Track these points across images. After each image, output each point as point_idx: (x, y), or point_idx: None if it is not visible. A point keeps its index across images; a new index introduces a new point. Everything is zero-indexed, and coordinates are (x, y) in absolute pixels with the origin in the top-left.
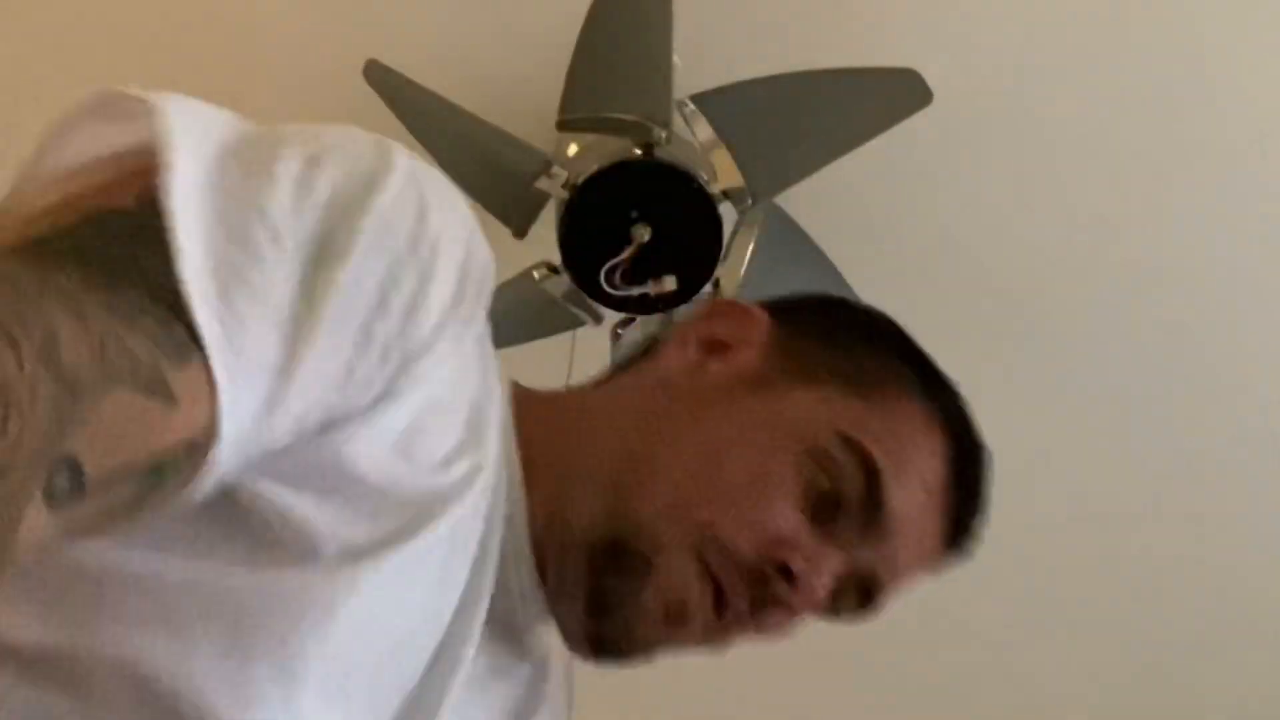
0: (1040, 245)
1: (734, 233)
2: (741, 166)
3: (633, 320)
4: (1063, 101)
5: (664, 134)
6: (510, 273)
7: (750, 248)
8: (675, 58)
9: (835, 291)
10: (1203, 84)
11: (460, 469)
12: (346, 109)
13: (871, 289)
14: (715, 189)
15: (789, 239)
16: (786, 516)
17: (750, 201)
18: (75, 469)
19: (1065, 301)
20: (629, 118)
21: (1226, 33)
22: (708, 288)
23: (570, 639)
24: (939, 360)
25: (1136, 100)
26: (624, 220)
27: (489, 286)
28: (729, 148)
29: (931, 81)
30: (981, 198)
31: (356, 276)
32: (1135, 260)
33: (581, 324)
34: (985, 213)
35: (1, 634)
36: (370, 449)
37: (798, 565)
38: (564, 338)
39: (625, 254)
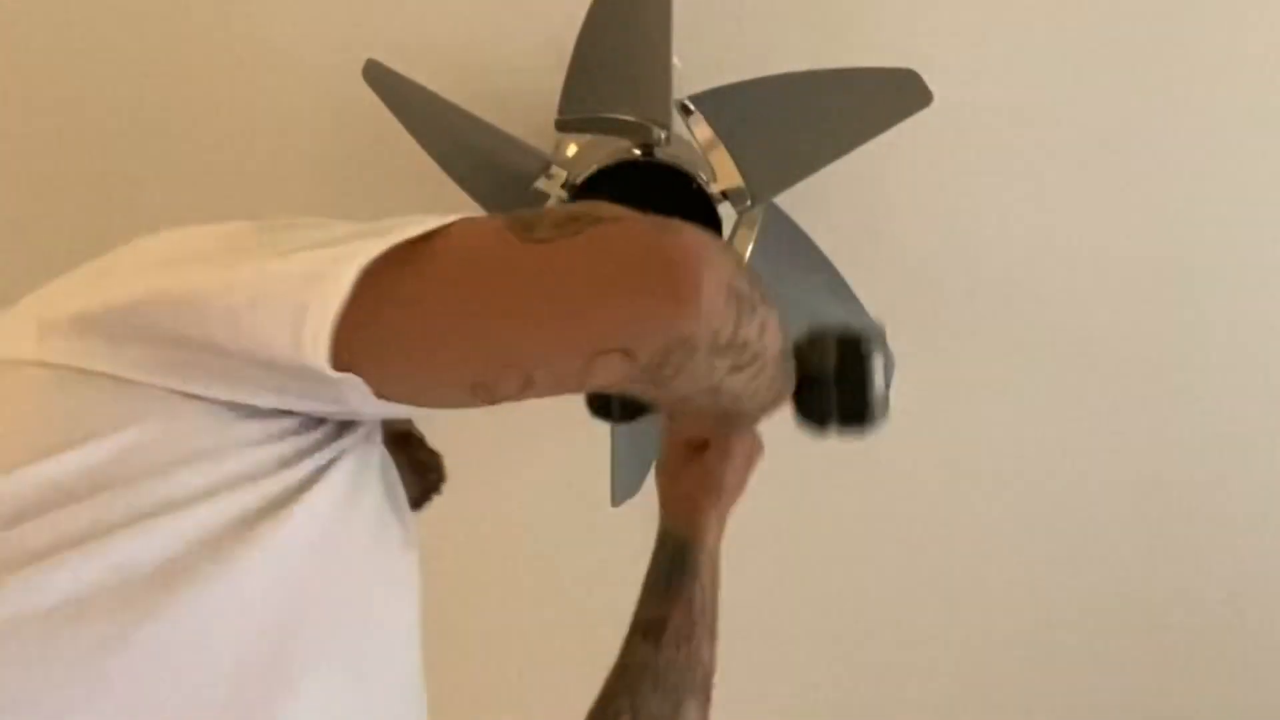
0: (1041, 245)
1: (733, 233)
2: (741, 167)
3: None
4: (1063, 102)
5: (663, 134)
6: None
7: (750, 248)
8: (675, 58)
9: (835, 292)
10: (1203, 85)
11: None
12: (346, 109)
13: (871, 289)
14: (714, 189)
15: (789, 239)
16: None
17: (750, 202)
18: None
19: (1066, 301)
20: (628, 118)
21: (1228, 34)
22: None
23: None
24: (939, 359)
25: (1137, 101)
26: None
27: None
28: (728, 148)
29: (931, 81)
30: (981, 198)
31: None
32: (1137, 259)
33: None
34: (985, 213)
35: None
36: None
37: None
38: None
39: None
